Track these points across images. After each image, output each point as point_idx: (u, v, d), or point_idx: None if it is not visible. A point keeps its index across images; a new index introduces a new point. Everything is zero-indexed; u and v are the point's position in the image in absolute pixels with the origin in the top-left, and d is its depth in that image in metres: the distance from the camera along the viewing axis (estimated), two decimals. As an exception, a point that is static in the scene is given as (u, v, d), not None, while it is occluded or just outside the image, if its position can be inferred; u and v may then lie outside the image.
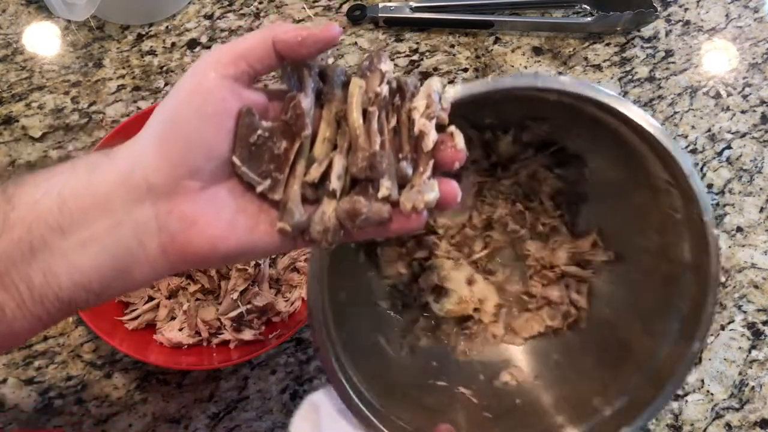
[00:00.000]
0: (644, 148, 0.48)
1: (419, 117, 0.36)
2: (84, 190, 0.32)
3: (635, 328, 0.51)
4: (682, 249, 0.48)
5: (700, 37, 0.75)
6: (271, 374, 0.60)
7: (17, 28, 0.74)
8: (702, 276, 0.46)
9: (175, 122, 0.32)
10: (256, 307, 0.59)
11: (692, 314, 0.46)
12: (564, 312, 0.56)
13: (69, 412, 0.59)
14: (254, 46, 0.34)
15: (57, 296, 0.32)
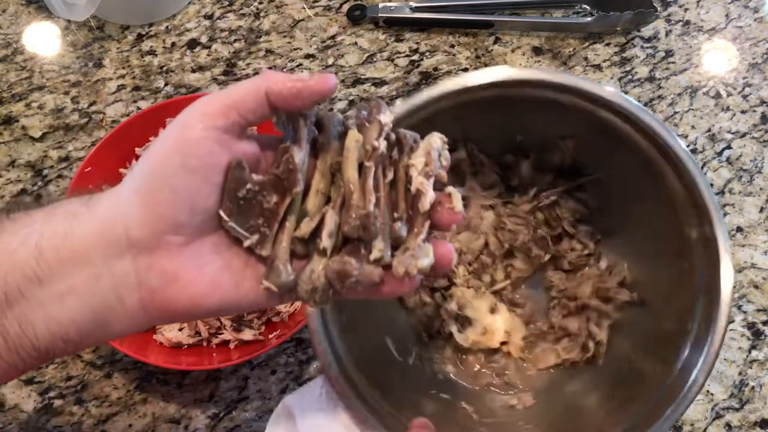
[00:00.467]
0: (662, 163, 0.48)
1: (417, 175, 0.35)
2: (62, 241, 0.31)
3: (649, 359, 0.50)
4: (699, 273, 0.47)
5: (700, 37, 0.75)
6: (271, 374, 0.60)
7: (17, 28, 0.74)
8: (713, 296, 0.45)
9: (159, 175, 0.31)
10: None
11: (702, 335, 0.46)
12: (582, 344, 0.55)
13: (69, 412, 0.59)
14: (245, 97, 0.32)
15: (33, 346, 0.32)
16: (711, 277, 0.46)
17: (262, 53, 0.73)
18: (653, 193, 0.51)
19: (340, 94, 0.71)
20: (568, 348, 0.55)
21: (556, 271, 0.59)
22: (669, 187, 0.49)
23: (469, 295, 0.57)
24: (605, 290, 0.56)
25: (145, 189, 0.31)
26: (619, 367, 0.53)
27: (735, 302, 0.64)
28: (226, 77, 0.72)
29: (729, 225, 0.67)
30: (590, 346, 0.54)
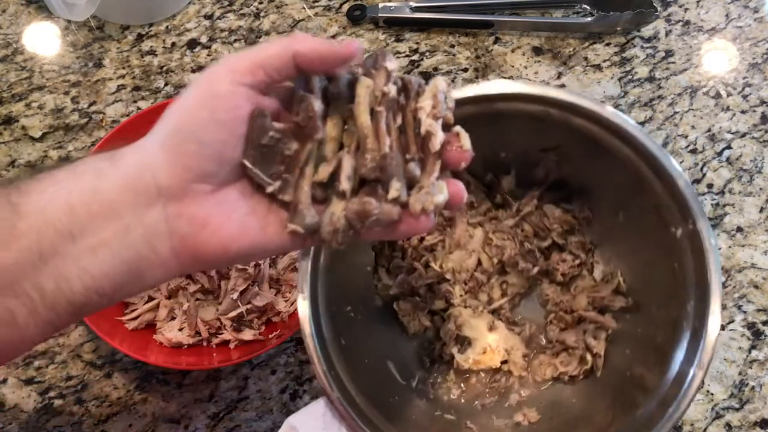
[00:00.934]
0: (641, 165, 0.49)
1: (425, 117, 0.36)
2: (90, 196, 0.32)
3: (648, 362, 0.50)
4: (689, 270, 0.48)
5: (700, 37, 0.75)
6: (271, 374, 0.60)
7: (17, 28, 0.74)
8: (704, 291, 0.46)
9: (186, 128, 0.32)
10: (256, 307, 0.59)
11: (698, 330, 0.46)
12: (579, 357, 0.55)
13: (69, 412, 0.59)
14: (273, 56, 0.33)
15: (69, 301, 0.32)
16: (700, 271, 0.46)
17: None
18: (637, 198, 0.51)
19: (340, 94, 0.71)
20: (566, 362, 0.56)
21: (550, 285, 0.59)
22: (651, 189, 0.49)
23: (467, 314, 0.57)
24: (600, 299, 0.56)
25: (172, 141, 0.32)
26: (618, 376, 0.53)
27: (735, 302, 0.64)
28: (226, 77, 0.72)
29: (729, 225, 0.67)
30: (588, 359, 0.55)
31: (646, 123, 0.71)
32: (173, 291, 0.59)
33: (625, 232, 0.55)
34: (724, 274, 0.65)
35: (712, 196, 0.68)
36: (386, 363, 0.54)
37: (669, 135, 0.70)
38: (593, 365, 0.55)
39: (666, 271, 0.50)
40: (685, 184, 0.47)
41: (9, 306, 0.31)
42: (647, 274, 0.53)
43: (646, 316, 0.53)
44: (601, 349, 0.54)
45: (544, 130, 0.52)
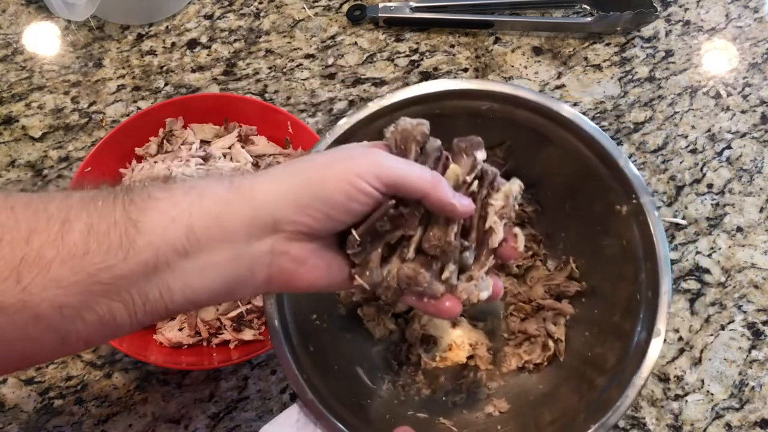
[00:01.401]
0: (583, 149, 0.51)
1: (493, 214, 0.40)
2: (213, 222, 0.35)
3: (608, 340, 0.51)
4: (637, 245, 0.49)
5: (700, 37, 0.75)
6: (271, 374, 0.60)
7: (17, 28, 0.74)
8: (653, 263, 0.47)
9: (323, 199, 0.37)
10: (256, 307, 0.59)
11: (652, 300, 0.47)
12: (542, 344, 0.56)
13: (69, 412, 0.59)
14: (411, 186, 0.37)
15: (167, 308, 0.35)
16: (647, 244, 0.48)
17: (262, 53, 0.73)
18: (583, 185, 0.53)
19: (340, 94, 0.71)
20: (529, 350, 0.57)
21: (507, 278, 0.60)
22: (595, 173, 0.51)
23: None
24: (556, 287, 0.57)
25: (306, 202, 0.36)
26: (581, 358, 0.54)
27: (735, 302, 0.64)
28: (226, 77, 0.72)
29: (729, 225, 0.67)
30: (550, 345, 0.56)
31: (646, 123, 0.71)
32: (173, 291, 0.59)
33: (574, 220, 0.56)
34: (724, 274, 0.65)
35: (712, 196, 0.68)
36: (355, 369, 0.55)
37: (669, 135, 0.70)
38: (556, 351, 0.56)
39: (615, 249, 0.51)
40: (624, 162, 0.49)
41: (112, 308, 0.34)
42: (598, 257, 0.55)
43: (601, 298, 0.55)
44: (562, 335, 0.56)
45: (489, 126, 0.53)
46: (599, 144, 0.50)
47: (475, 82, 0.51)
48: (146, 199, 0.35)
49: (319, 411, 0.45)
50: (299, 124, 0.63)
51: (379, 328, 0.58)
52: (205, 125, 0.65)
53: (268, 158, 0.64)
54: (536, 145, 0.53)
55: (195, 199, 0.36)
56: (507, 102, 0.51)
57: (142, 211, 0.34)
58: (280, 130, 0.65)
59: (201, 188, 0.36)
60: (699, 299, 0.64)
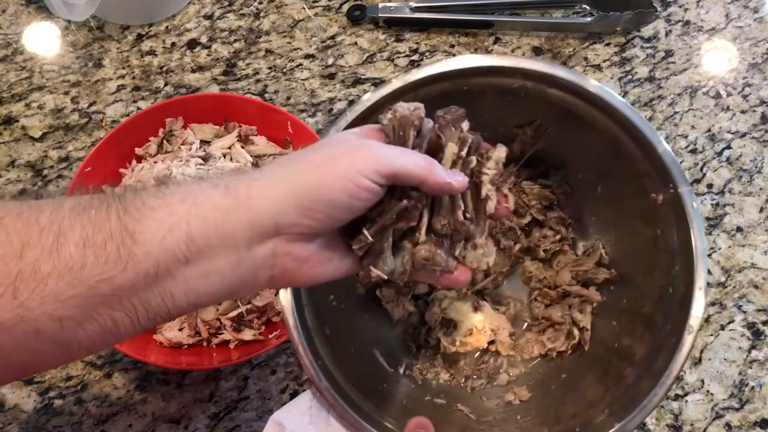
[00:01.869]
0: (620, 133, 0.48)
1: (487, 181, 0.41)
2: (212, 230, 0.35)
3: (637, 332, 0.50)
4: (671, 236, 0.47)
5: (700, 37, 0.75)
6: (271, 374, 0.60)
7: (17, 28, 0.74)
8: (688, 257, 0.45)
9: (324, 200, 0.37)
10: (256, 307, 0.59)
11: (685, 295, 0.45)
12: (567, 332, 0.55)
13: (69, 412, 0.59)
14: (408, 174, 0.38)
15: (169, 312, 0.36)
16: (683, 237, 0.46)
17: (262, 53, 0.73)
18: (616, 168, 0.51)
19: (340, 94, 0.71)
20: (553, 337, 0.55)
21: (533, 262, 0.58)
22: (630, 157, 0.49)
23: (451, 297, 0.57)
24: (583, 273, 0.56)
25: (306, 204, 0.36)
26: (606, 349, 0.52)
27: (735, 302, 0.64)
28: (226, 77, 0.72)
29: (729, 225, 0.67)
30: (575, 334, 0.54)
31: (646, 123, 0.71)
32: (173, 291, 0.59)
33: (605, 204, 0.55)
34: (724, 274, 0.65)
35: (712, 196, 0.68)
36: (372, 351, 0.54)
37: (669, 135, 0.70)
38: (581, 339, 0.54)
39: (648, 239, 0.49)
40: (664, 150, 0.46)
41: (115, 317, 0.34)
42: (630, 245, 0.53)
43: (631, 287, 0.53)
44: (588, 323, 0.54)
45: (518, 104, 0.51)
46: (639, 129, 0.47)
47: (505, 59, 0.49)
48: (140, 208, 0.34)
49: (332, 398, 0.44)
50: (299, 124, 0.63)
51: (398, 309, 0.57)
52: (205, 125, 0.65)
53: (268, 158, 0.64)
54: (567, 125, 0.51)
55: (191, 208, 0.35)
56: (537, 80, 0.49)
57: (137, 221, 0.34)
58: (280, 130, 0.65)
59: (196, 194, 0.36)
60: (699, 299, 0.64)
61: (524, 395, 0.54)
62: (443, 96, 0.49)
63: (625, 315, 0.52)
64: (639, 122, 0.47)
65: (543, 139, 0.55)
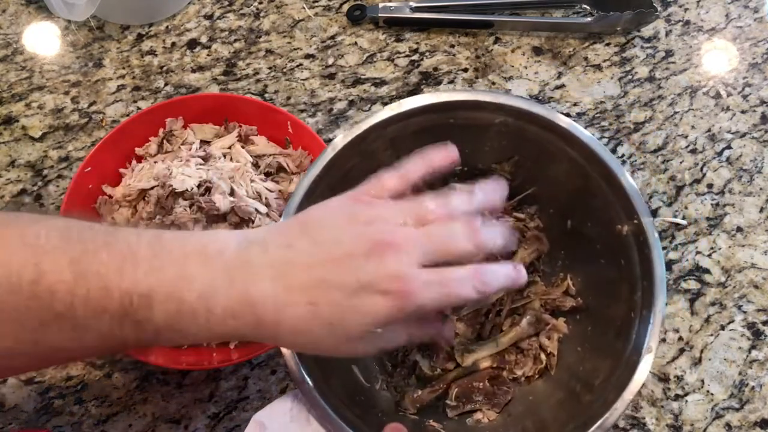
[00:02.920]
0: (588, 168, 0.51)
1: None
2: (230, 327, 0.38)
3: (600, 356, 0.52)
4: (634, 264, 0.50)
5: (700, 37, 0.75)
6: (271, 374, 0.60)
7: (17, 28, 0.74)
8: (650, 283, 0.48)
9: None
10: (256, 307, 0.59)
11: (645, 321, 0.47)
12: (534, 356, 0.56)
13: (69, 412, 0.59)
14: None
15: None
16: (645, 263, 0.48)
17: (262, 53, 0.73)
18: (584, 203, 0.53)
19: (340, 94, 0.71)
20: (521, 363, 0.57)
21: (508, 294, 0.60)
22: (597, 190, 0.51)
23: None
24: (552, 301, 0.57)
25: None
26: (571, 372, 0.55)
27: (735, 302, 0.64)
28: (226, 77, 0.72)
29: (729, 225, 0.67)
30: (542, 359, 0.56)
31: (646, 123, 0.71)
32: (173, 291, 0.59)
33: (574, 238, 0.57)
34: (724, 274, 0.65)
35: (712, 196, 0.68)
36: (351, 366, 0.55)
37: (669, 135, 0.70)
38: (547, 364, 0.56)
39: (613, 268, 0.52)
40: (627, 182, 0.49)
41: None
42: (596, 274, 0.55)
43: (596, 314, 0.55)
44: (555, 349, 0.56)
45: (500, 139, 0.54)
46: (600, 158, 0.50)
47: (488, 95, 0.51)
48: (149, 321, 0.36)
49: (314, 398, 0.44)
50: (299, 124, 0.63)
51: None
52: (205, 125, 0.65)
53: (268, 158, 0.64)
54: (542, 161, 0.54)
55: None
56: (517, 116, 0.51)
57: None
58: (280, 130, 0.65)
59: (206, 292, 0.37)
60: (699, 299, 0.64)
61: (492, 415, 0.55)
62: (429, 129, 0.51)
63: (589, 341, 0.55)
64: (605, 156, 0.50)
65: (519, 176, 0.57)
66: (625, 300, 0.50)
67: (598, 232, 0.53)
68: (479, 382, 0.56)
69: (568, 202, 0.56)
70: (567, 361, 0.56)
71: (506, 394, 0.56)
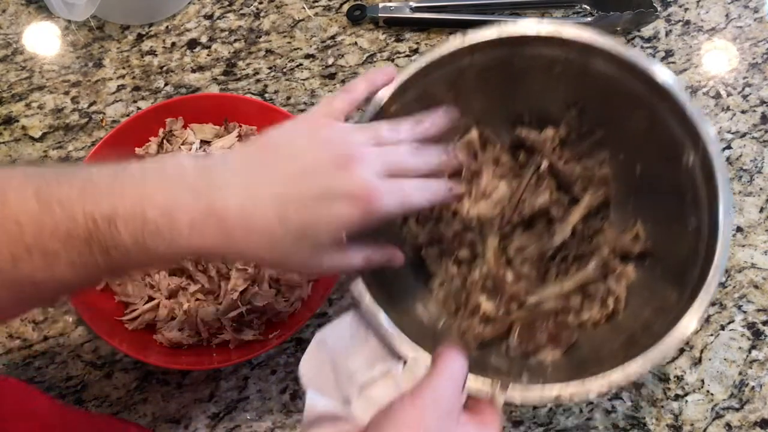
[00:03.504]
0: (656, 101, 0.50)
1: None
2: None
3: (667, 293, 0.51)
4: (701, 196, 0.49)
5: (700, 37, 0.75)
6: (271, 374, 0.60)
7: (17, 28, 0.74)
8: (713, 208, 0.47)
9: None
10: (256, 307, 0.59)
11: (711, 247, 0.47)
12: (601, 300, 0.56)
13: (69, 412, 0.59)
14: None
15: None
16: (711, 193, 0.48)
17: (262, 53, 0.73)
18: (652, 141, 0.53)
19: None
20: (588, 307, 0.56)
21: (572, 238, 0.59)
22: (663, 125, 0.51)
23: (493, 263, 0.57)
24: (620, 247, 0.57)
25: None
26: (636, 316, 0.54)
27: (735, 302, 0.64)
28: (226, 77, 0.72)
29: (729, 225, 0.67)
30: (609, 303, 0.55)
31: (646, 123, 0.71)
32: (173, 291, 0.59)
33: (644, 183, 0.56)
34: (724, 274, 0.65)
35: (712, 196, 0.68)
36: (415, 305, 0.55)
37: (669, 135, 0.70)
38: (614, 309, 0.55)
39: (680, 206, 0.51)
40: (691, 110, 0.49)
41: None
42: (664, 219, 0.55)
43: (663, 258, 0.54)
44: (623, 294, 0.55)
45: (565, 81, 0.53)
46: (673, 95, 0.49)
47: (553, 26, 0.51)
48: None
49: (373, 315, 0.45)
50: (299, 124, 0.63)
51: (441, 271, 0.57)
52: (205, 125, 0.65)
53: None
54: (608, 103, 0.53)
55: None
56: (585, 52, 0.51)
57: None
58: (280, 130, 0.65)
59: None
60: (699, 299, 0.64)
61: (556, 355, 0.55)
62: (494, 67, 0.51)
63: (656, 286, 0.54)
64: (669, 83, 0.49)
65: (586, 122, 0.56)
66: (692, 238, 0.49)
67: (665, 170, 0.52)
68: (543, 322, 0.55)
69: (635, 143, 0.55)
70: (633, 307, 0.55)
71: (570, 336, 0.55)
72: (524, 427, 0.59)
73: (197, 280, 0.59)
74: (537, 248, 0.58)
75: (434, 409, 0.37)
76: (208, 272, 0.59)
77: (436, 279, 0.58)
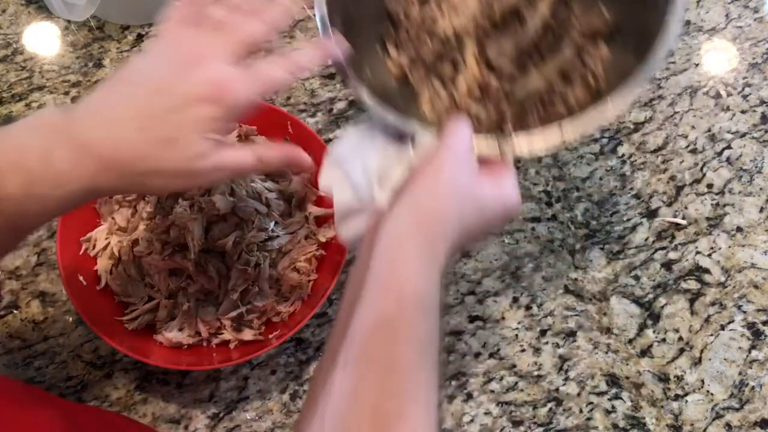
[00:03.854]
0: None
1: None
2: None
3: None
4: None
5: (700, 37, 0.75)
6: (271, 374, 0.60)
7: (17, 28, 0.74)
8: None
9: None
10: (256, 307, 0.59)
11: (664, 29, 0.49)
12: (581, 80, 0.56)
13: (69, 412, 0.59)
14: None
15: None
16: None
17: (261, 53, 0.73)
18: None
19: (340, 94, 0.71)
20: (572, 90, 0.57)
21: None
22: None
23: (476, 73, 0.58)
24: (587, 28, 0.57)
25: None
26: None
27: (735, 302, 0.64)
28: (226, 77, 0.72)
29: (729, 225, 0.67)
30: (591, 82, 0.56)
31: (646, 123, 0.71)
32: (173, 291, 0.59)
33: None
34: (724, 274, 0.65)
35: (712, 196, 0.68)
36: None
37: (669, 135, 0.70)
38: (597, 88, 0.56)
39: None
40: None
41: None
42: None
43: (632, 34, 0.55)
44: (601, 71, 0.56)
45: None
46: None
47: None
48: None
49: (378, 108, 0.46)
50: (299, 124, 0.63)
51: (429, 90, 0.58)
52: (205, 125, 0.65)
53: (268, 158, 0.64)
54: None
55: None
56: None
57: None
58: (280, 130, 0.65)
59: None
60: (699, 299, 0.64)
61: None
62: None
63: (630, 61, 0.55)
64: None
65: None
66: (651, 11, 0.51)
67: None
68: (533, 110, 0.57)
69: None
70: (613, 85, 0.56)
71: (561, 117, 0.56)
72: (524, 427, 0.59)
73: (197, 280, 0.59)
74: (513, 43, 0.59)
75: (454, 162, 0.41)
76: (208, 272, 0.59)
77: (423, 98, 0.58)
